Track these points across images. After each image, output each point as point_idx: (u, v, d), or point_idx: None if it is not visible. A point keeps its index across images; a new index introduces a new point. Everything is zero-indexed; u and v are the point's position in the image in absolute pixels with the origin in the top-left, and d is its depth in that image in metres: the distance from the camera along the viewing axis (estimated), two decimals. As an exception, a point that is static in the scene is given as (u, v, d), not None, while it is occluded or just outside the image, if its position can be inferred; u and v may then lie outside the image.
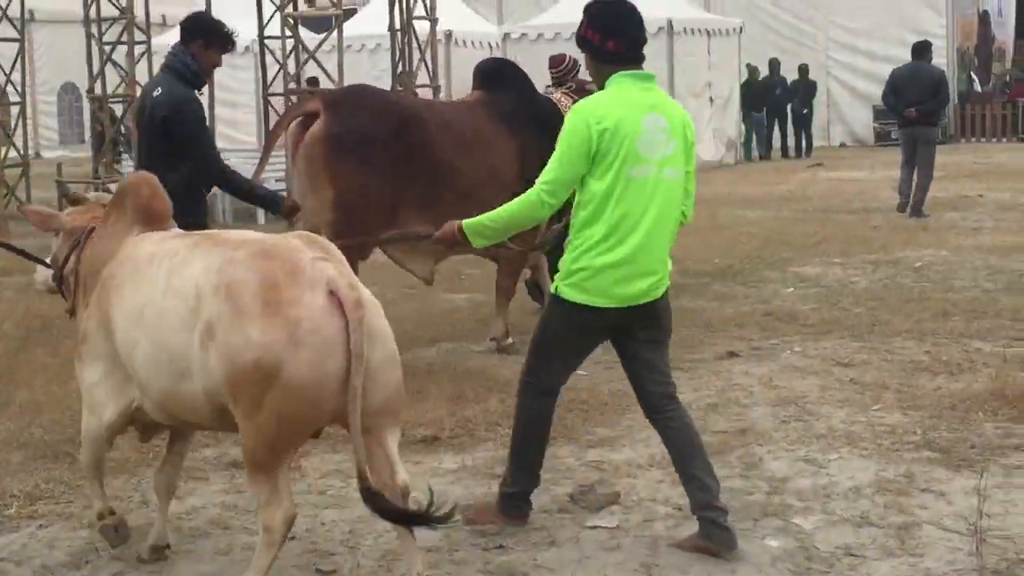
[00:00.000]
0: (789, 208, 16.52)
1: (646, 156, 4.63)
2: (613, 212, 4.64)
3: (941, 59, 25.80)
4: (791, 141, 26.49)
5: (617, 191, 4.63)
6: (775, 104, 25.98)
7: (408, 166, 7.75)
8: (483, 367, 7.85)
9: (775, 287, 10.47)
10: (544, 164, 8.58)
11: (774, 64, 26.21)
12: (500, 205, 8.29)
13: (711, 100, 23.61)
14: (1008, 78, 31.50)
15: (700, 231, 14.41)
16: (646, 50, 4.90)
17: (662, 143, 4.67)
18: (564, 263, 4.80)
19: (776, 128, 26.48)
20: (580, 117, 4.67)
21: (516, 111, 8.33)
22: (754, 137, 26.04)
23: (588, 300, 4.70)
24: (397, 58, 17.76)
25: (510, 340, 8.25)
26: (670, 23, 22.12)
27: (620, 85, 4.74)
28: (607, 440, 6.21)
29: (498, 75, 8.63)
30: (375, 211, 7.66)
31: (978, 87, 29.99)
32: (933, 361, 7.60)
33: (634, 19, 4.81)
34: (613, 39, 4.75)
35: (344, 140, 7.60)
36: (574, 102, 8.98)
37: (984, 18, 30.63)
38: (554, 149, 4.75)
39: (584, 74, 10.74)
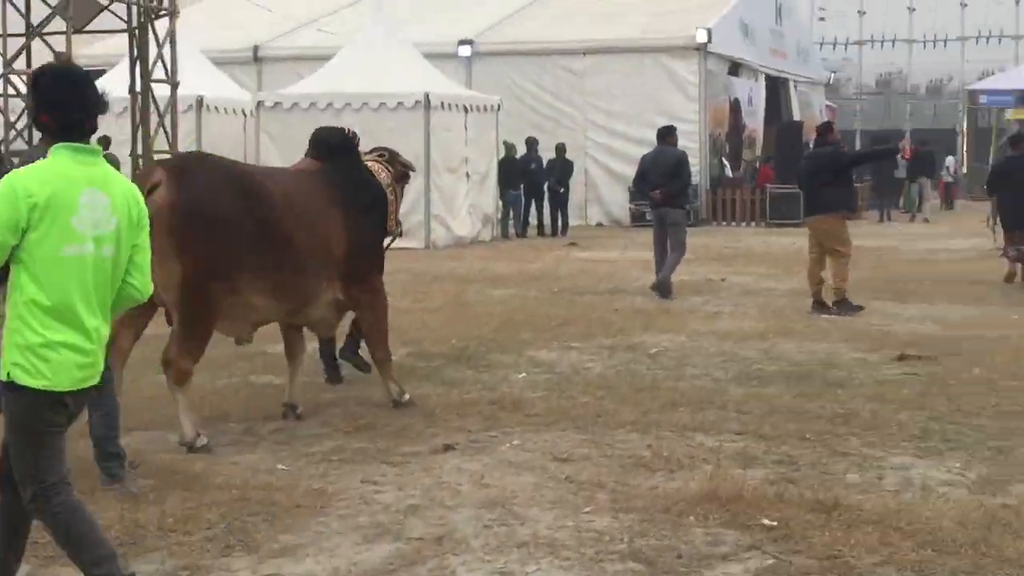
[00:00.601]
0: (538, 287, 16.29)
1: (82, 233, 4.44)
2: (51, 290, 4.38)
3: (693, 144, 26.48)
4: (548, 219, 26.57)
5: (53, 268, 4.38)
6: (532, 182, 25.97)
7: (251, 236, 7.66)
8: (172, 462, 7.14)
9: (507, 372, 10.07)
10: (370, 237, 8.20)
11: (531, 142, 26.25)
12: (327, 277, 8.18)
13: (468, 176, 23.43)
14: (757, 164, 32.55)
15: (444, 309, 14.05)
16: (404, 121, 4.60)
17: (103, 220, 4.50)
18: (11, 344, 4.44)
19: (533, 206, 26.49)
20: (11, 188, 4.41)
21: (346, 184, 8.44)
22: (511, 214, 25.97)
23: (45, 384, 4.38)
24: (137, 121, 17.09)
25: (204, 440, 7.56)
26: (427, 97, 21.77)
27: (58, 158, 4.53)
28: (290, 549, 5.60)
29: (334, 145, 8.71)
30: (219, 282, 7.55)
31: (729, 172, 30.85)
32: (653, 456, 7.26)
33: (72, 94, 4.58)
34: (46, 112, 4.58)
35: (189, 208, 7.35)
36: (388, 170, 8.85)
37: (735, 106, 31.58)
38: (376, 221, 4.35)
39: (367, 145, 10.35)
